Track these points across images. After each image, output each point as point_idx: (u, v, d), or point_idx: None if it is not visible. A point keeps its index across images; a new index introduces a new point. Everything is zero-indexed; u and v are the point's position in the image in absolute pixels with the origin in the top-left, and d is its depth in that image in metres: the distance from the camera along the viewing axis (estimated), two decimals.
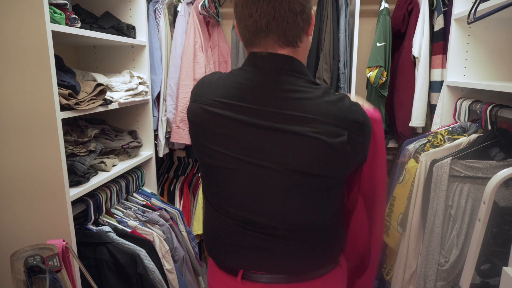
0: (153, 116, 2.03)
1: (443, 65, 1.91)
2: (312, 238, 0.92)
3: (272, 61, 0.85)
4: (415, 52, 1.94)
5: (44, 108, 1.22)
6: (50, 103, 1.22)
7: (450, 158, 1.38)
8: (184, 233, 1.90)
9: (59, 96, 1.25)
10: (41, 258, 0.92)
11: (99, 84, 1.49)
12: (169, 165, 2.54)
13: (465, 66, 1.70)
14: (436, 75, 1.93)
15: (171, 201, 2.36)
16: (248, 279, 0.94)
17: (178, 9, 2.10)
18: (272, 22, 0.80)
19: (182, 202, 2.37)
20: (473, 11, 1.54)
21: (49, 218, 1.31)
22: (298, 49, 0.87)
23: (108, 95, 1.58)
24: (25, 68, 1.20)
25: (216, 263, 1.01)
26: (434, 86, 1.94)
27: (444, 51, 1.89)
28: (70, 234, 1.32)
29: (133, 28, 1.84)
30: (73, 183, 1.39)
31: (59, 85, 1.27)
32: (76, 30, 1.35)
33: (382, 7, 2.02)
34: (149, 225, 1.71)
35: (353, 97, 0.93)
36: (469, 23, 1.53)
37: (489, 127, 1.40)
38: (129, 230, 1.59)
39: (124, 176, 1.80)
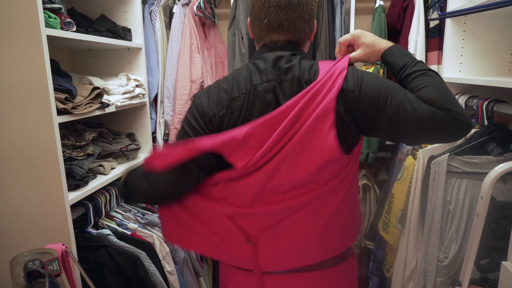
0: (151, 119, 2.03)
1: (439, 61, 1.91)
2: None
3: (284, 44, 0.95)
4: (411, 48, 1.94)
5: (41, 112, 1.22)
6: (47, 107, 1.22)
7: (448, 154, 1.38)
8: None
9: (55, 101, 1.25)
10: (41, 263, 0.92)
11: (96, 88, 1.49)
12: None
13: (461, 62, 1.70)
14: None
15: None
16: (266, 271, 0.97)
17: (174, 10, 2.10)
18: (284, 24, 0.92)
19: None
20: (431, 11, 1.57)
21: (48, 222, 1.31)
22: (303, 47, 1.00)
23: (105, 98, 1.58)
24: (21, 73, 1.20)
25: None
26: None
27: (440, 47, 1.89)
28: (70, 238, 1.32)
29: (129, 30, 1.84)
30: (72, 187, 1.39)
31: (56, 89, 1.27)
32: (71, 34, 1.35)
33: (377, 5, 2.02)
34: (149, 227, 1.71)
35: None
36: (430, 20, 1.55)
37: (486, 122, 1.41)
38: (129, 233, 1.59)
39: None
